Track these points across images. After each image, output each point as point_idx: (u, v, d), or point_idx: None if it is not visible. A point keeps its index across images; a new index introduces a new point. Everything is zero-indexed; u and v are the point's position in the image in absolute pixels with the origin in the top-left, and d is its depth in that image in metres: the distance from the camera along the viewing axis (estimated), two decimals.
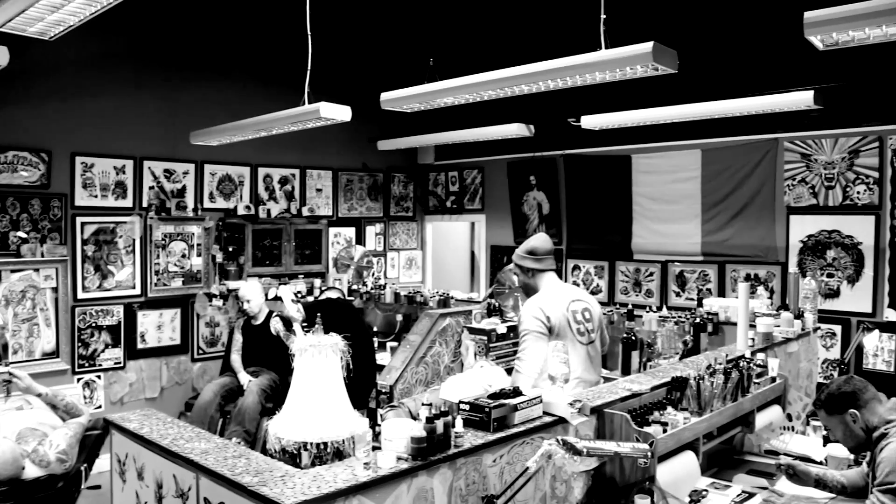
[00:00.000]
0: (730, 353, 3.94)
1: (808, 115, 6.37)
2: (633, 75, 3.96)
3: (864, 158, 6.30)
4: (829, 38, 3.23)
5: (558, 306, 4.12)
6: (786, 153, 6.72)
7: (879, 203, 6.22)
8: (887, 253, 6.18)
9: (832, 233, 6.47)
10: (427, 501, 2.27)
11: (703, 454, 3.57)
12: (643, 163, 7.65)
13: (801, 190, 6.64)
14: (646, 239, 7.65)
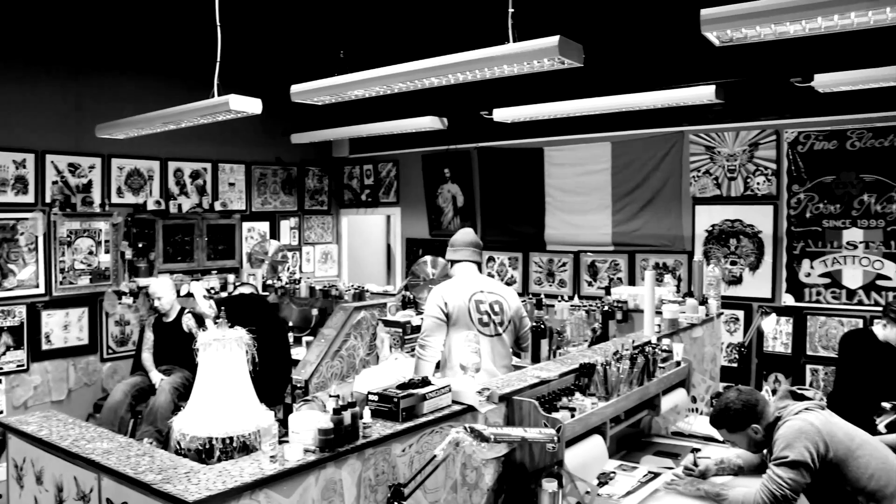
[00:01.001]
0: (636, 340, 4.05)
1: (711, 108, 6.60)
2: (540, 68, 4.02)
3: (763, 151, 6.56)
4: (725, 35, 3.34)
5: (460, 296, 4.32)
6: (691, 146, 6.93)
7: (777, 193, 6.49)
8: (784, 241, 6.46)
9: (735, 222, 6.71)
10: (336, 493, 2.27)
11: (612, 438, 3.67)
12: (555, 155, 7.78)
13: (705, 181, 6.86)
14: (558, 230, 7.79)
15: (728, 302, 6.56)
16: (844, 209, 6.21)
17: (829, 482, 3.07)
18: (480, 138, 8.25)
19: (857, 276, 6.18)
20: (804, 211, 6.38)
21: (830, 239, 6.28)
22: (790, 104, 6.35)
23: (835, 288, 6.27)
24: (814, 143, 6.35)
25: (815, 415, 3.17)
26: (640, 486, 3.28)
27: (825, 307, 6.31)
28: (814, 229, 6.34)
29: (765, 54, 5.64)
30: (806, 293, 6.39)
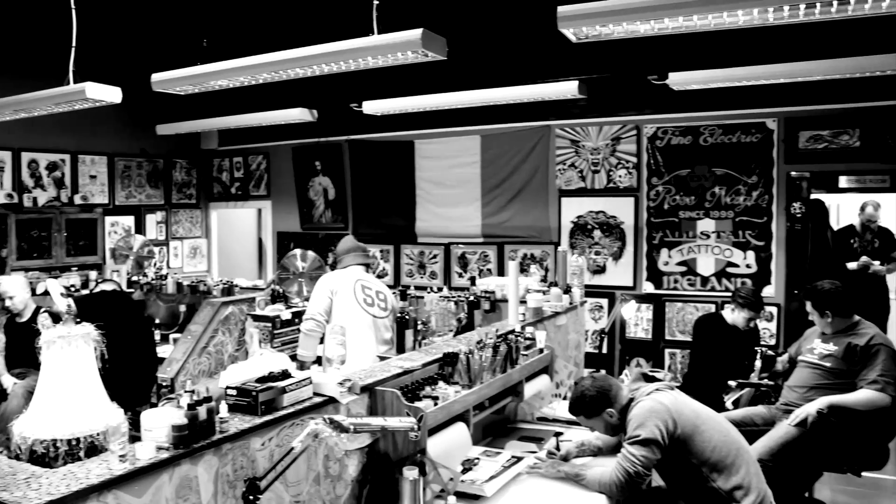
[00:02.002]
0: (501, 328, 4.14)
1: (576, 104, 6.81)
2: (404, 61, 4.05)
3: (624, 145, 6.83)
4: (581, 32, 3.47)
5: (346, 280, 4.72)
6: (557, 139, 7.14)
7: (638, 186, 6.79)
8: (644, 231, 6.76)
9: (598, 213, 6.97)
10: (192, 490, 2.23)
11: (477, 425, 3.75)
12: (426, 148, 7.84)
13: (571, 174, 7.08)
14: (429, 222, 7.87)
15: (593, 290, 6.82)
16: (698, 201, 6.56)
17: (678, 456, 3.24)
18: (352, 131, 8.23)
19: (710, 264, 6.54)
20: (662, 203, 6.69)
21: (686, 229, 6.61)
22: (649, 101, 6.65)
23: (690, 275, 6.62)
24: (671, 138, 6.67)
25: (664, 394, 3.34)
26: (503, 470, 3.36)
27: (682, 294, 6.65)
28: (671, 220, 6.67)
29: (625, 52, 5.86)
30: (664, 281, 6.71)
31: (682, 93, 5.92)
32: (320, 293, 4.76)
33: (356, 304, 4.65)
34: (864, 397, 4.28)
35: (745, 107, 6.39)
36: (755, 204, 6.39)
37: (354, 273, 4.85)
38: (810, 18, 3.31)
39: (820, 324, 4.66)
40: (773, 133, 6.33)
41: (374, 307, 4.70)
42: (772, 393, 4.95)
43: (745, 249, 6.44)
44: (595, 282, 6.93)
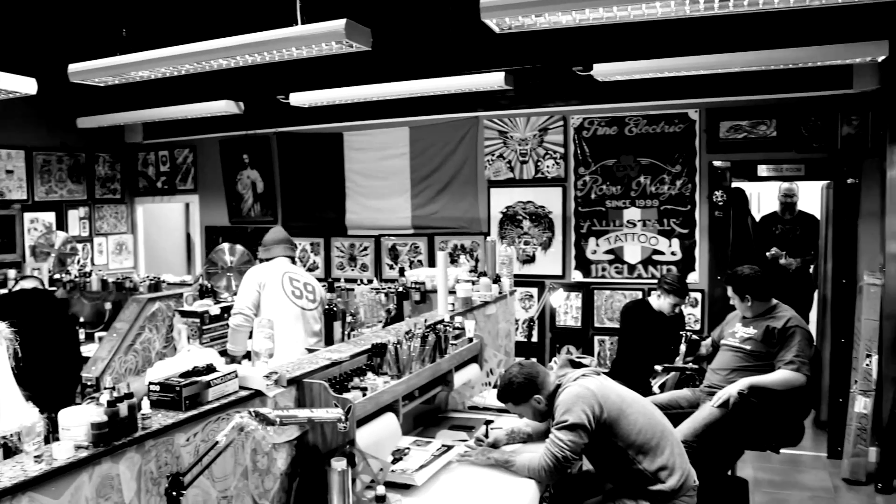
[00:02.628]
0: (430, 319, 4.16)
1: (504, 95, 6.86)
2: (329, 51, 4.03)
3: (552, 135, 6.91)
4: (504, 23, 3.49)
5: (274, 272, 4.76)
6: (485, 130, 7.18)
7: (565, 176, 6.88)
8: (572, 221, 6.86)
9: (527, 204, 7.04)
10: (113, 489, 2.18)
11: (407, 415, 3.76)
12: (355, 140, 7.80)
13: (499, 164, 7.14)
14: (359, 215, 7.83)
15: (523, 280, 6.89)
16: (624, 190, 6.68)
17: (605, 440, 3.31)
18: (280, 123, 8.13)
19: (637, 251, 6.68)
20: (589, 192, 6.80)
21: (613, 218, 6.73)
22: (576, 92, 6.74)
23: (618, 263, 6.74)
24: (597, 128, 6.77)
25: (590, 380, 3.40)
26: (433, 459, 3.38)
27: (609, 282, 6.77)
28: (598, 209, 6.78)
29: (551, 43, 5.93)
30: (593, 269, 6.82)
31: (607, 84, 6.01)
32: (248, 287, 4.75)
33: (284, 297, 4.65)
34: (782, 377, 4.44)
35: (668, 98, 6.52)
36: (679, 192, 6.54)
37: (282, 265, 4.85)
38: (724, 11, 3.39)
39: (741, 308, 4.81)
40: (696, 123, 6.48)
41: (302, 299, 4.71)
42: (696, 376, 5.10)
43: (670, 237, 6.59)
44: (525, 271, 7.00)
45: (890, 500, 5.35)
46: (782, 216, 7.14)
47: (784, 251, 6.87)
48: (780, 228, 7.10)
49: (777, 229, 7.09)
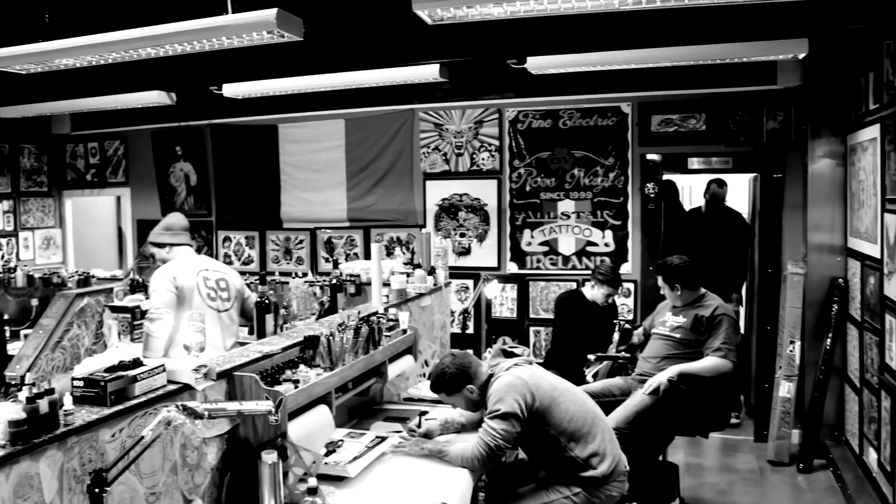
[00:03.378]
0: (364, 311, 4.15)
1: (439, 87, 6.86)
2: (260, 41, 3.98)
3: (487, 128, 6.95)
4: (436, 14, 3.50)
5: (188, 272, 4.36)
6: (421, 123, 7.19)
7: (500, 168, 6.93)
8: (507, 213, 6.92)
9: (463, 196, 7.07)
10: (33, 488, 2.12)
11: (342, 407, 3.76)
12: (290, 132, 7.73)
13: (435, 157, 7.15)
14: (295, 207, 7.77)
15: (459, 272, 6.92)
16: (558, 182, 6.76)
17: (537, 428, 3.35)
18: (213, 115, 7.99)
19: (571, 243, 6.76)
20: (524, 184, 6.86)
21: (547, 210, 6.81)
22: (510, 85, 6.79)
23: (552, 255, 6.82)
24: (532, 121, 6.83)
25: (522, 369, 3.44)
26: (367, 450, 3.38)
27: (544, 273, 6.85)
28: (533, 201, 6.84)
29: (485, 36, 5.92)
30: (528, 261, 6.89)
31: (541, 77, 6.05)
32: (162, 287, 4.28)
33: (201, 301, 4.31)
34: (710, 364, 4.55)
35: (601, 91, 6.61)
36: (612, 185, 6.64)
37: (194, 262, 4.49)
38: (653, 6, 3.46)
39: (670, 297, 4.92)
40: (628, 117, 6.60)
41: (217, 300, 4.40)
42: (628, 365, 5.19)
43: (603, 229, 6.69)
44: (461, 263, 7.04)
45: (810, 479, 5.55)
46: (708, 214, 7.13)
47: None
48: (705, 225, 7.10)
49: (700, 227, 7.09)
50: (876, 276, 4.84)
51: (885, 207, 4.65)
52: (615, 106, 6.62)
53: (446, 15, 3.47)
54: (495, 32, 5.23)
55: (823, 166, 5.94)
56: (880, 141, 4.72)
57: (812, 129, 5.98)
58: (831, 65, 5.79)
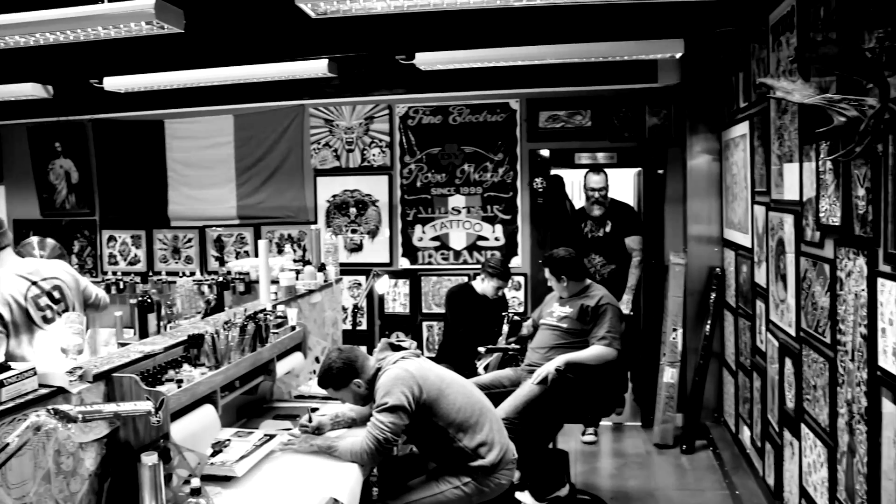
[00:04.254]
0: (251, 308, 4.09)
1: (329, 83, 6.82)
2: (139, 32, 3.88)
3: (377, 124, 6.96)
4: (319, 7, 3.48)
5: (16, 295, 3.63)
6: (311, 119, 7.13)
7: (391, 164, 6.95)
8: (399, 209, 6.94)
9: (354, 192, 7.05)
10: None
11: (231, 406, 3.70)
12: (176, 128, 7.53)
13: (325, 153, 7.11)
14: (183, 205, 7.57)
15: (351, 269, 6.91)
16: (449, 178, 6.83)
17: (425, 420, 3.39)
18: (96, 110, 7.69)
19: (462, 238, 6.85)
20: (415, 180, 6.90)
21: (438, 205, 6.87)
22: (401, 81, 6.81)
23: (444, 250, 6.89)
24: (422, 117, 6.87)
25: (410, 362, 3.47)
26: (254, 449, 3.33)
27: (436, 268, 6.91)
28: (424, 197, 6.90)
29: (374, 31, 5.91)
30: (420, 256, 6.94)
31: (431, 73, 6.10)
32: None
33: (34, 326, 3.67)
34: (595, 352, 4.69)
35: (491, 88, 6.72)
36: (501, 180, 6.76)
37: (17, 275, 3.68)
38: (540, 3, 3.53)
39: (557, 288, 5.04)
40: (517, 113, 6.73)
41: (52, 321, 3.72)
42: (518, 356, 5.29)
43: (493, 223, 6.81)
44: (353, 259, 7.03)
45: (692, 459, 5.82)
46: (590, 209, 6.71)
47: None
48: (589, 226, 6.71)
49: (585, 226, 6.72)
50: (748, 265, 5.10)
51: (755, 199, 4.90)
52: (504, 102, 6.74)
53: (329, 9, 3.46)
54: (383, 28, 5.23)
55: (701, 161, 6.21)
56: (749, 137, 4.97)
57: (690, 125, 6.24)
58: (706, 65, 6.05)
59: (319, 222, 7.08)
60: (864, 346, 2.95)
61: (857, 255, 3.02)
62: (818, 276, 3.53)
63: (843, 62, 2.64)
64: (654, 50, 5.30)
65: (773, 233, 4.39)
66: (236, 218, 7.40)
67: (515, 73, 6.31)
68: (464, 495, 3.43)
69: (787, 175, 4.08)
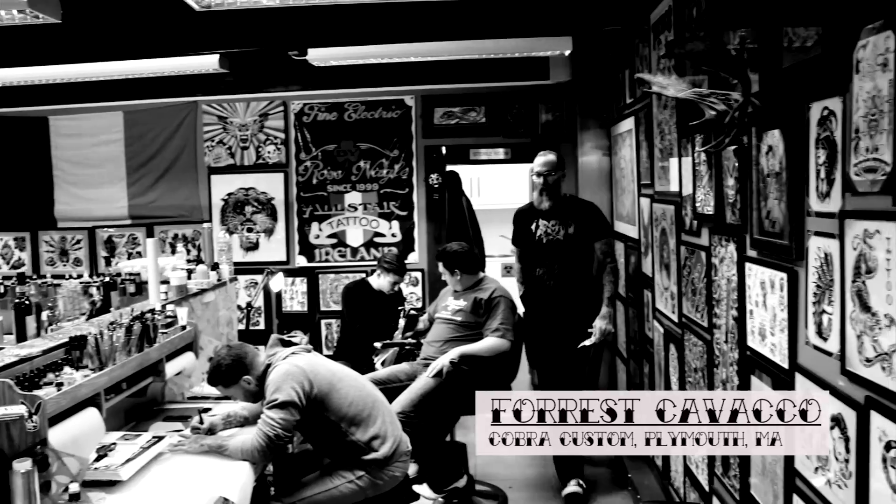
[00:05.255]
0: (140, 308, 4.00)
1: (223, 79, 6.68)
2: (12, 21, 3.74)
3: (272, 121, 6.89)
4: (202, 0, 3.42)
5: None
6: (205, 115, 7.00)
7: (287, 161, 6.90)
8: (295, 206, 6.90)
9: (249, 190, 6.96)
10: None
11: (118, 409, 3.62)
12: (63, 125, 7.26)
13: (220, 151, 6.99)
14: (70, 206, 7.31)
15: (248, 267, 6.81)
16: (345, 175, 6.83)
17: (317, 415, 3.39)
18: None
19: (359, 235, 6.86)
20: (311, 177, 6.87)
21: (335, 202, 6.86)
22: (295, 77, 6.74)
23: (341, 247, 6.88)
24: (317, 114, 6.85)
25: (300, 357, 3.46)
26: (142, 451, 3.26)
27: (334, 265, 6.89)
28: (320, 194, 6.87)
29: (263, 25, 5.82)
30: (317, 254, 6.91)
31: (327, 70, 6.07)
32: None
33: None
34: (489, 344, 4.77)
35: (386, 84, 6.73)
36: (397, 176, 6.80)
37: None
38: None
39: (451, 282, 5.10)
40: (412, 109, 6.77)
41: None
42: (415, 350, 5.32)
43: (390, 220, 6.84)
44: (250, 258, 6.93)
45: None
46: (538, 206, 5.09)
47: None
48: (540, 226, 5.07)
49: (536, 226, 5.07)
50: (636, 256, 5.27)
51: (641, 192, 5.08)
52: (399, 99, 6.77)
53: (214, 1, 3.41)
54: (274, 22, 5.17)
55: (592, 156, 6.38)
56: (635, 132, 5.14)
57: (581, 121, 6.41)
58: (596, 62, 6.22)
59: (214, 221, 6.95)
60: (736, 328, 3.11)
61: (728, 241, 3.17)
62: (696, 263, 3.69)
63: (709, 58, 2.77)
64: (544, 47, 5.42)
65: (657, 223, 4.56)
66: (128, 218, 7.19)
67: (410, 70, 6.35)
68: (358, 489, 3.45)
69: (668, 168, 4.25)
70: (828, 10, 2.22)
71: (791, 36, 2.47)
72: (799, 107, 2.40)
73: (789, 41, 2.49)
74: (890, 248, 1.90)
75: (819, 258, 2.32)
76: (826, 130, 2.24)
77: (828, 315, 2.28)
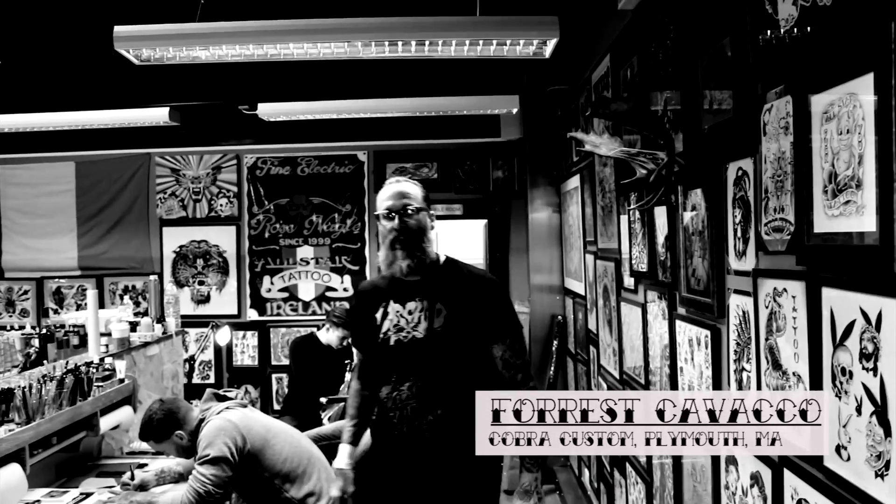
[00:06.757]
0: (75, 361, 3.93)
1: (177, 132, 6.69)
2: None
3: (225, 174, 6.90)
4: (141, 54, 3.45)
5: None
6: (157, 168, 6.99)
7: (239, 214, 6.89)
8: (247, 259, 6.87)
9: (201, 243, 6.93)
10: None
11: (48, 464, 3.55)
12: (11, 174, 7.21)
13: (172, 203, 6.98)
14: (18, 255, 7.21)
15: (198, 320, 6.74)
16: (297, 229, 6.84)
17: (251, 471, 3.33)
18: None
19: (311, 289, 6.84)
20: (263, 231, 6.87)
21: (287, 256, 6.85)
22: (249, 131, 6.79)
23: (293, 301, 6.85)
24: (270, 168, 6.88)
25: (234, 412, 3.42)
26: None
27: (285, 319, 6.85)
28: (272, 248, 6.87)
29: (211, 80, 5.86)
30: (268, 307, 6.86)
31: (279, 124, 6.10)
32: None
33: None
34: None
35: (338, 140, 6.80)
36: (349, 231, 6.83)
37: None
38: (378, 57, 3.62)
39: None
40: (364, 165, 6.84)
41: None
42: None
43: (341, 274, 6.84)
44: (201, 311, 6.87)
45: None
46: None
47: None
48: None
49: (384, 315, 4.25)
50: (583, 312, 5.31)
51: (586, 249, 5.14)
52: (352, 154, 6.83)
53: (154, 56, 3.44)
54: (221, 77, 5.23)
55: (542, 213, 6.45)
56: (580, 189, 5.23)
57: (531, 178, 6.49)
58: (544, 120, 6.34)
59: (166, 273, 6.91)
60: (668, 384, 3.13)
61: (660, 298, 3.22)
62: (633, 320, 3.73)
63: (632, 119, 2.85)
64: (493, 105, 5.52)
65: (600, 280, 4.62)
66: (77, 269, 7.11)
67: (363, 126, 6.42)
68: None
69: (609, 225, 4.32)
70: (736, 74, 2.30)
71: (710, 98, 2.56)
72: (717, 167, 2.47)
73: (709, 103, 2.58)
74: (796, 307, 1.95)
75: (738, 315, 2.36)
76: (741, 190, 2.31)
77: (746, 373, 2.32)
